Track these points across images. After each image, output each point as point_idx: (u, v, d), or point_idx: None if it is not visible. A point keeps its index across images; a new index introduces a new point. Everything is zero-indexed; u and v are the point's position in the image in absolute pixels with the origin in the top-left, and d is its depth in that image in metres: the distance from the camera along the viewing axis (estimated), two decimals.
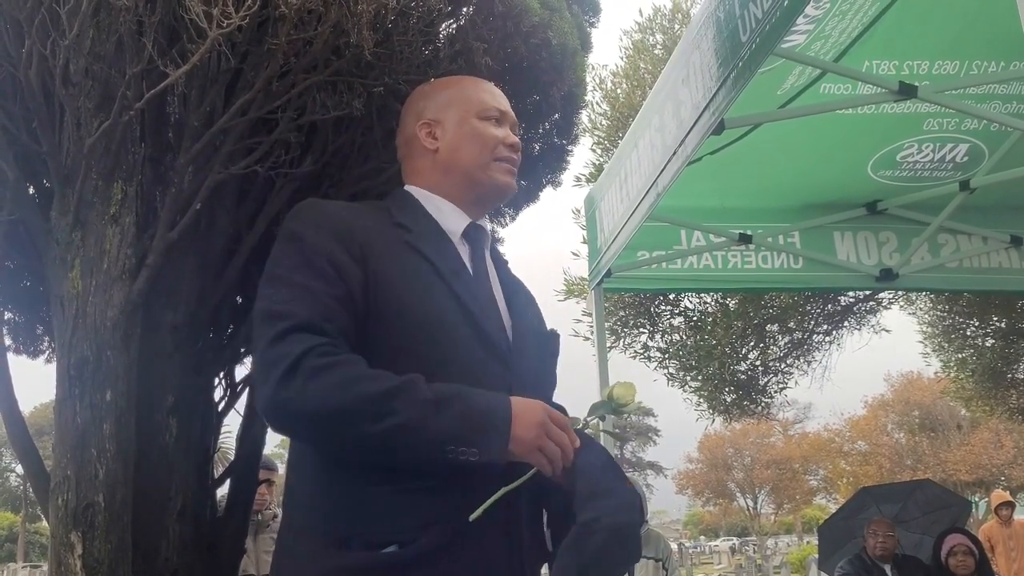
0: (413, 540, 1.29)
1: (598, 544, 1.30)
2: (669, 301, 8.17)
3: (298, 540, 1.36)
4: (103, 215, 2.63)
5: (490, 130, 1.60)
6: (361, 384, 1.27)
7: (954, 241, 4.47)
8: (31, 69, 2.45)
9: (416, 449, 1.27)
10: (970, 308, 8.68)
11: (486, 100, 1.63)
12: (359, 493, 1.32)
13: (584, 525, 1.30)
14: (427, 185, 1.59)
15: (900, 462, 29.30)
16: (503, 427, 1.30)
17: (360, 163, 3.12)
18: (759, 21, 2.32)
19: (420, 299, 1.40)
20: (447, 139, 1.59)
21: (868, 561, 5.25)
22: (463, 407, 1.29)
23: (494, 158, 1.59)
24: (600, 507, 1.32)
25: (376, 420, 1.25)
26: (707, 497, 47.93)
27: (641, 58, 7.71)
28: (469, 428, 1.27)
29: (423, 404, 1.27)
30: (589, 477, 1.35)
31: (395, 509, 1.31)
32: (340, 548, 1.31)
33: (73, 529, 2.46)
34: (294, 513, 1.40)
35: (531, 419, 1.32)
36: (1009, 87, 3.49)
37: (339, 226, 1.41)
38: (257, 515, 4.56)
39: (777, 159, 3.93)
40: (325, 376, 1.26)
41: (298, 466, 1.41)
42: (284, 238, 1.43)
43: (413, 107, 1.66)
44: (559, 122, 3.67)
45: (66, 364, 2.54)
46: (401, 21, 2.72)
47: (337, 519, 1.32)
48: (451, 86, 1.67)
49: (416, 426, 1.25)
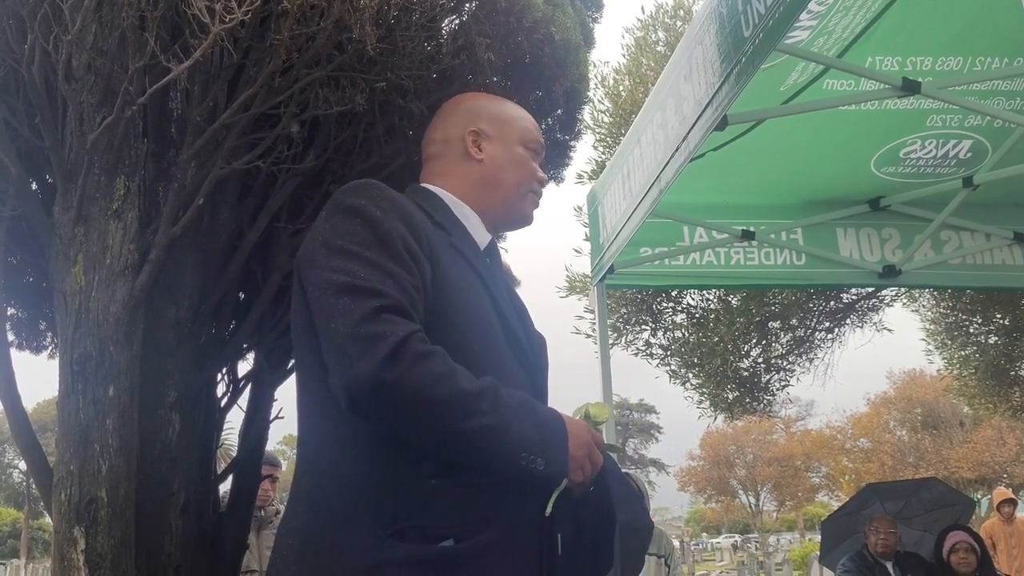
0: (470, 535, 1.31)
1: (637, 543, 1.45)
2: (671, 298, 8.16)
3: (336, 534, 1.31)
4: (106, 210, 2.63)
5: (530, 161, 1.63)
6: (458, 378, 1.27)
7: (957, 238, 4.46)
8: (34, 64, 2.46)
9: (496, 452, 1.28)
10: (973, 305, 8.67)
11: (533, 132, 1.65)
12: (416, 486, 1.31)
13: (627, 523, 1.41)
14: (458, 192, 1.57)
15: (902, 459, 29.32)
16: (565, 442, 1.34)
17: (363, 159, 3.12)
18: (762, 17, 2.32)
19: (473, 303, 1.41)
20: (495, 155, 1.59)
21: (869, 558, 5.24)
22: (537, 418, 1.33)
23: (530, 190, 1.63)
24: (634, 509, 1.45)
25: (468, 417, 1.25)
26: (709, 494, 47.95)
27: (643, 55, 7.70)
28: (542, 438, 1.31)
29: (509, 409, 1.29)
30: (619, 482, 1.45)
31: (453, 503, 1.31)
32: (395, 540, 1.28)
33: (76, 524, 2.46)
34: (332, 506, 1.34)
35: (582, 439, 1.38)
36: (1013, 83, 3.48)
37: (405, 214, 1.38)
38: (260, 511, 4.56)
39: (780, 155, 3.92)
40: (431, 363, 1.25)
41: (339, 452, 1.36)
42: (348, 211, 1.37)
43: (462, 109, 1.64)
44: (562, 117, 3.67)
45: (69, 359, 2.55)
46: (404, 16, 2.72)
47: (394, 511, 1.30)
48: (503, 104, 1.67)
49: (502, 430, 1.27)
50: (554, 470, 1.32)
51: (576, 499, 1.42)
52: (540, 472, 1.30)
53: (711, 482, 45.63)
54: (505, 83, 3.16)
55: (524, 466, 1.29)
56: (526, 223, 1.68)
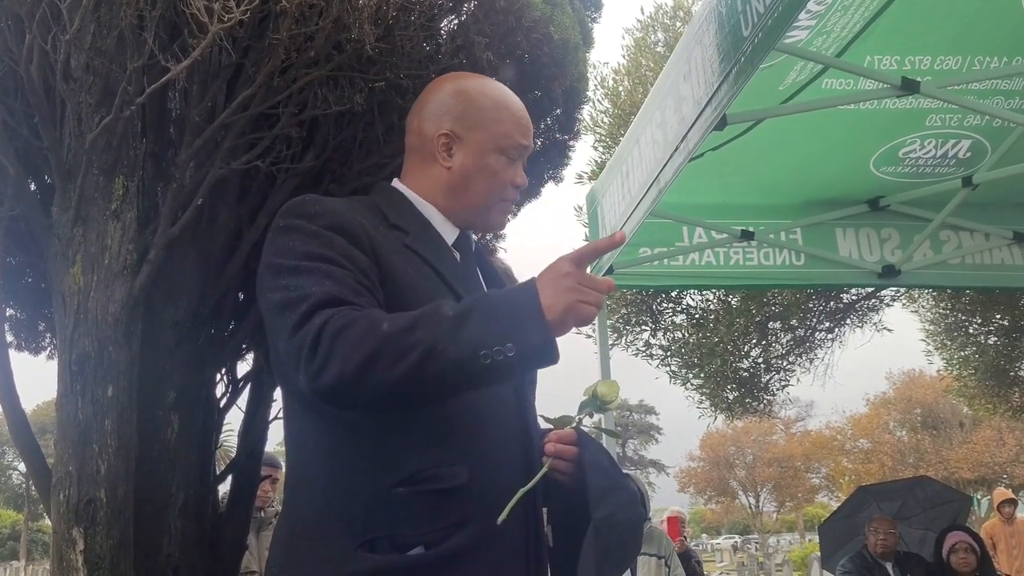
0: (439, 541, 1.28)
1: (617, 537, 1.34)
2: (671, 298, 8.16)
3: (314, 544, 1.31)
4: (104, 211, 2.63)
5: (505, 171, 1.53)
6: (382, 326, 1.20)
7: (956, 238, 4.46)
8: (32, 64, 2.45)
9: (449, 371, 1.18)
10: (972, 305, 8.67)
11: (513, 134, 1.53)
12: (384, 494, 1.29)
13: (603, 520, 1.33)
14: (424, 194, 1.54)
15: (902, 460, 29.32)
16: (530, 307, 1.20)
17: (361, 159, 3.11)
18: (761, 16, 2.32)
19: (430, 297, 1.36)
20: (464, 164, 1.51)
21: (870, 559, 5.25)
22: (485, 308, 1.21)
23: (500, 199, 1.56)
24: (614, 503, 1.35)
25: (403, 356, 1.17)
26: (709, 495, 47.96)
27: (643, 55, 7.71)
28: (496, 326, 1.18)
29: (445, 322, 1.19)
30: (599, 472, 1.37)
31: (421, 510, 1.29)
32: (365, 551, 1.27)
33: (75, 525, 2.46)
34: (306, 517, 1.34)
35: (556, 276, 1.23)
36: (1012, 83, 3.48)
37: (341, 220, 1.36)
38: (259, 512, 4.56)
39: (779, 155, 3.92)
40: (346, 334, 1.19)
41: (310, 468, 1.36)
42: (283, 230, 1.36)
43: (440, 99, 1.55)
44: (561, 117, 3.66)
45: (68, 360, 2.54)
46: (403, 16, 2.71)
47: (363, 521, 1.28)
48: (487, 96, 1.55)
49: (442, 347, 1.16)
50: (533, 342, 1.18)
51: (568, 488, 1.40)
52: (515, 356, 1.16)
53: (711, 483, 45.64)
54: (503, 82, 3.15)
55: (491, 363, 1.16)
56: (492, 231, 1.66)
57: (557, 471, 1.40)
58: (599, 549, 1.32)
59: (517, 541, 1.37)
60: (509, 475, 1.36)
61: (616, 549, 1.35)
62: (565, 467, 1.41)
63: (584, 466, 1.37)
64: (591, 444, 1.42)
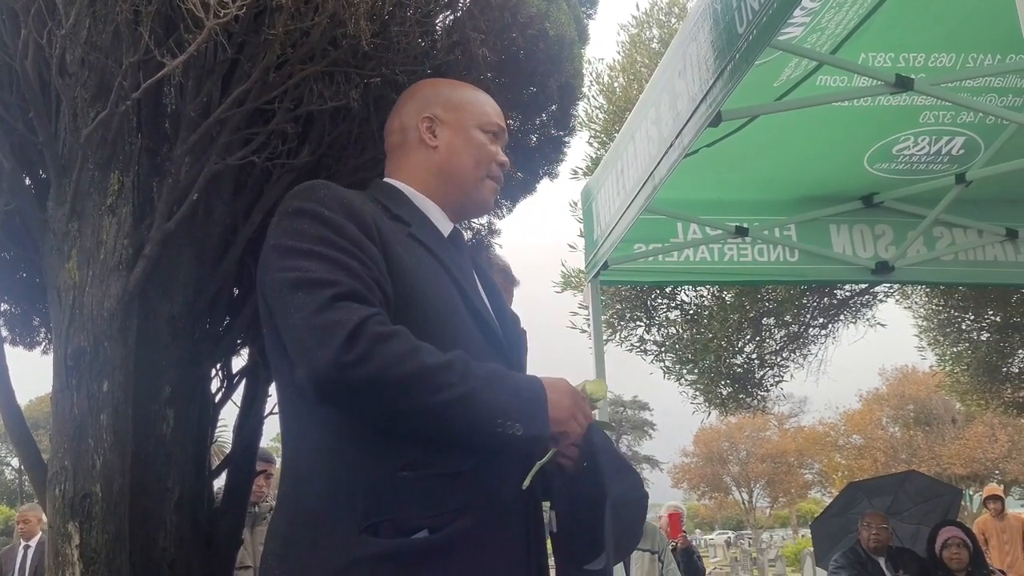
0: (443, 525, 1.29)
1: (631, 514, 1.42)
2: (666, 294, 8.18)
3: (316, 533, 1.31)
4: (100, 205, 2.62)
5: (488, 145, 1.60)
6: (422, 354, 1.25)
7: (950, 234, 4.48)
8: (27, 59, 2.45)
9: (470, 421, 1.27)
10: (965, 302, 8.70)
11: (490, 113, 1.62)
12: (388, 479, 1.30)
13: (620, 497, 1.39)
14: (415, 184, 1.57)
15: (895, 456, 29.44)
16: (544, 402, 1.33)
17: (357, 154, 3.11)
18: (756, 13, 2.33)
19: (434, 288, 1.40)
20: (448, 141, 1.57)
21: (862, 554, 5.27)
22: (510, 383, 1.32)
23: (487, 175, 1.60)
24: (628, 482, 1.43)
25: (437, 391, 1.24)
26: (703, 491, 48.08)
27: (638, 52, 7.72)
28: (518, 402, 1.30)
29: (479, 378, 1.28)
30: (610, 455, 1.42)
31: (426, 494, 1.30)
32: (369, 535, 1.28)
33: (70, 519, 2.46)
34: (307, 507, 1.35)
35: (562, 391, 1.37)
36: (1005, 80, 3.50)
37: (352, 211, 1.38)
38: (254, 507, 4.56)
39: (773, 152, 3.93)
40: (391, 344, 1.23)
41: (311, 459, 1.37)
42: (296, 213, 1.37)
43: (417, 97, 1.63)
44: (556, 113, 3.66)
45: (63, 354, 2.54)
46: (398, 12, 2.71)
47: (367, 505, 1.29)
48: (458, 88, 1.65)
49: (473, 399, 1.26)
50: (534, 432, 1.30)
51: (570, 475, 1.42)
52: (520, 437, 1.28)
53: (704, 479, 45.77)
54: (499, 79, 3.16)
55: (501, 433, 1.27)
56: (486, 210, 1.68)
57: (562, 455, 1.43)
58: (616, 526, 1.36)
59: (518, 526, 1.39)
60: (512, 461, 1.38)
61: (628, 527, 1.41)
62: (570, 451, 1.44)
63: (595, 448, 1.41)
64: (599, 430, 1.45)
